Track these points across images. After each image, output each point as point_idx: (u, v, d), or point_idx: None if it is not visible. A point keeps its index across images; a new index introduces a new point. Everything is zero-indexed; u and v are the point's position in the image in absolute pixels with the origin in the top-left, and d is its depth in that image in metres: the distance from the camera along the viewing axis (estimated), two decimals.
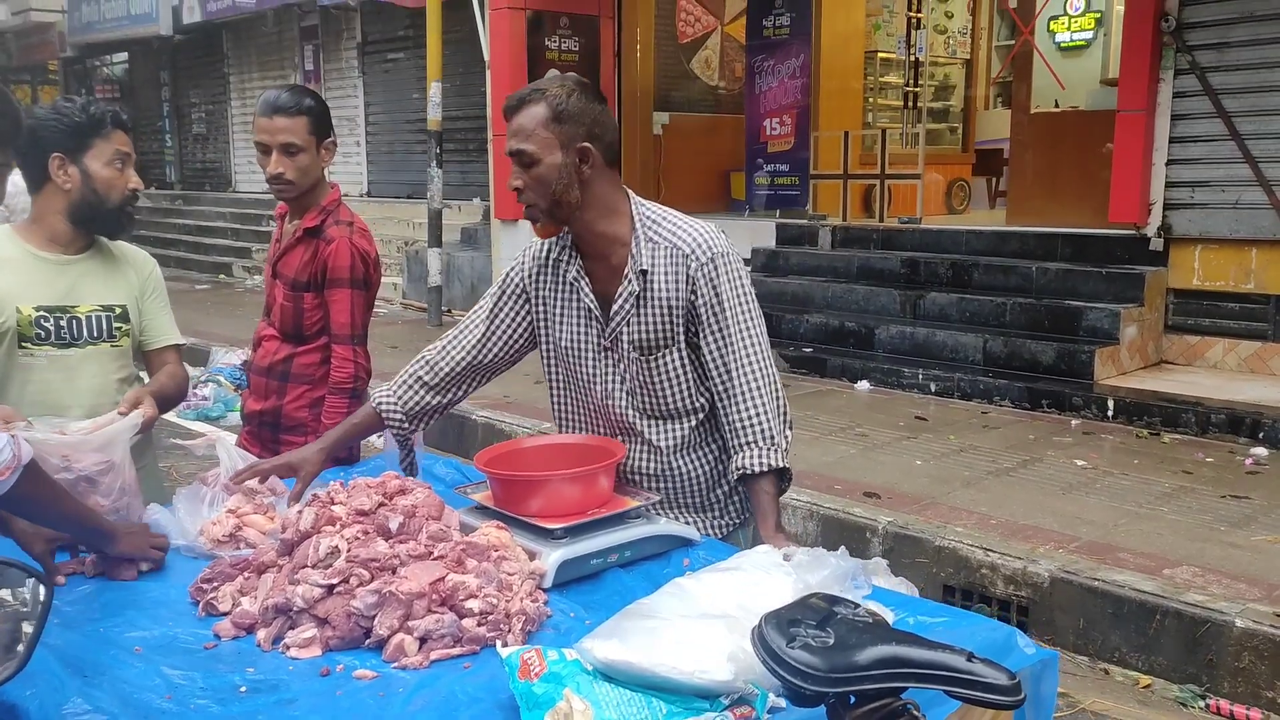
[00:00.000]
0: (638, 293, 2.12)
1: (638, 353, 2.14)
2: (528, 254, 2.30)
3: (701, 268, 2.09)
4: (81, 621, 1.72)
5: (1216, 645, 3.40)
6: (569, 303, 2.22)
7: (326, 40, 14.48)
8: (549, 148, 2.02)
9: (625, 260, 2.12)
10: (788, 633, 1.19)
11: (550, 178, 2.03)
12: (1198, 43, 6.37)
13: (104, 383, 2.53)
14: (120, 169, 2.42)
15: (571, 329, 2.22)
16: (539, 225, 2.10)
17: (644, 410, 2.20)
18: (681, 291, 2.10)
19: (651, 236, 2.12)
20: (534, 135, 2.02)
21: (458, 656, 1.62)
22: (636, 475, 2.25)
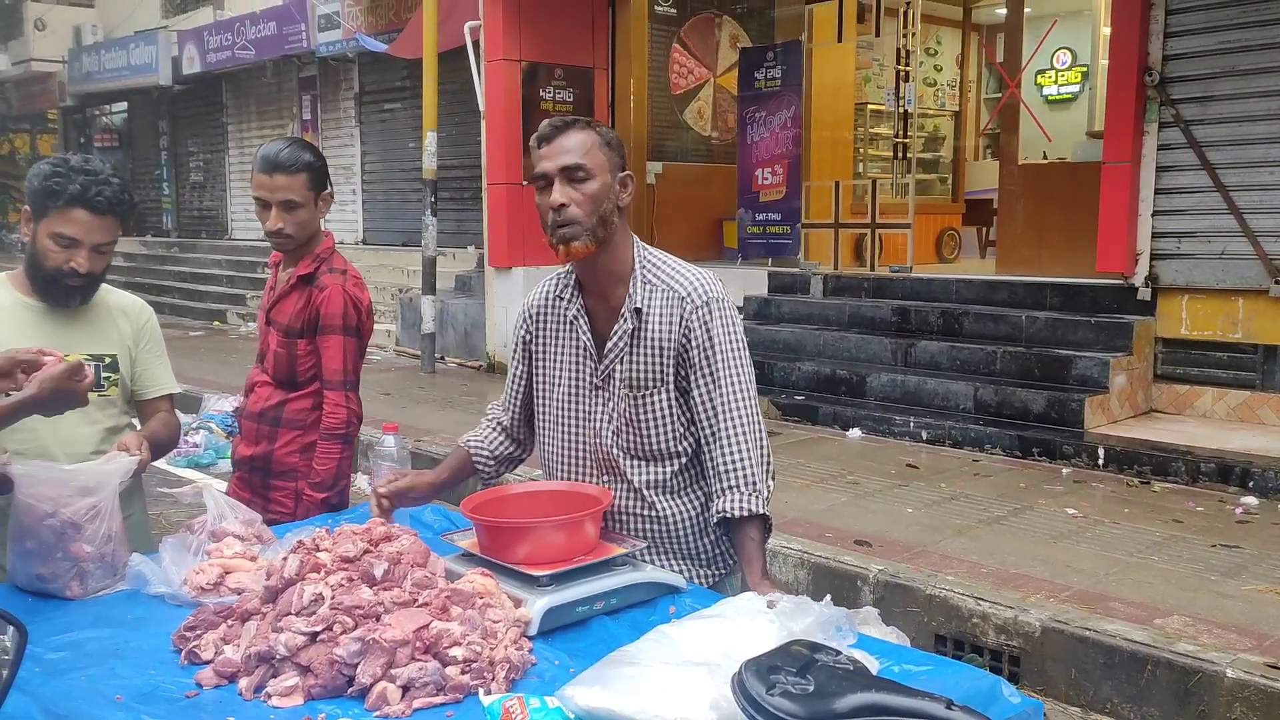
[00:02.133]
0: (632, 330, 2.16)
1: (628, 390, 2.18)
2: (532, 298, 2.37)
3: (696, 311, 2.14)
4: (64, 670, 1.71)
5: (1208, 696, 3.38)
6: (566, 341, 2.27)
7: (324, 90, 14.66)
8: (601, 168, 2.10)
9: (623, 300, 2.18)
10: (768, 679, 1.19)
11: (601, 196, 2.09)
12: (1181, 96, 6.48)
13: (90, 432, 2.53)
14: (60, 247, 2.37)
15: (566, 366, 2.27)
16: (578, 244, 2.10)
17: (629, 450, 2.22)
18: (674, 333, 2.14)
19: (649, 278, 2.18)
20: (589, 154, 2.09)
21: (440, 705, 1.61)
22: (622, 516, 2.26)
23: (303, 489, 2.81)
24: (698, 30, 11.80)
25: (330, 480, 2.79)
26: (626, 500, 2.25)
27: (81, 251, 2.38)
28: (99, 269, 2.45)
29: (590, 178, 2.09)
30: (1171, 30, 6.49)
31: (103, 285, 2.59)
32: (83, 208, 2.35)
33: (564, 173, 2.08)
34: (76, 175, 2.34)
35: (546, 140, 2.11)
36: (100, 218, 2.38)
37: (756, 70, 9.55)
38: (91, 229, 2.37)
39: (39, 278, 2.43)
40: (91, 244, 2.39)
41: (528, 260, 9.49)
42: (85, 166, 2.38)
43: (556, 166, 2.08)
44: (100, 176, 2.37)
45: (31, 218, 2.40)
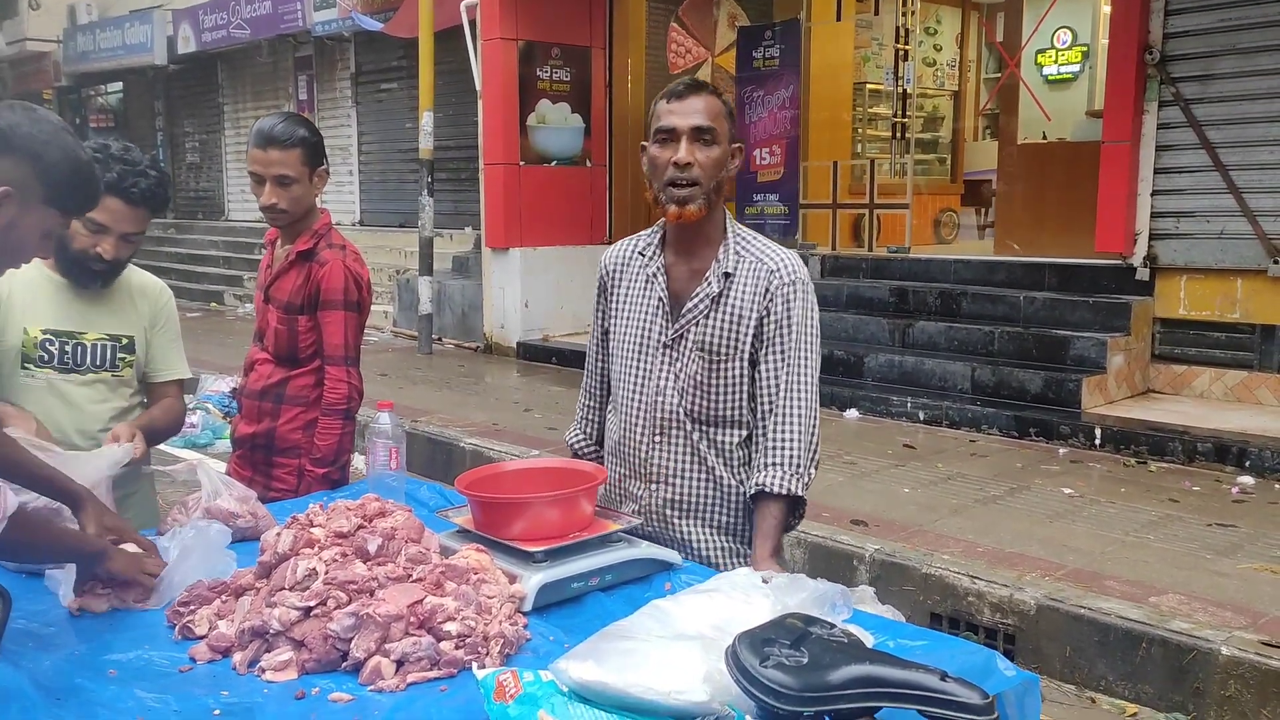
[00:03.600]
0: (715, 295, 2.17)
1: (701, 355, 2.18)
2: (611, 253, 2.38)
3: (783, 287, 2.16)
4: (57, 644, 1.71)
5: (1203, 673, 3.39)
6: (642, 295, 2.27)
7: (320, 70, 14.58)
8: (723, 134, 2.12)
9: (708, 264, 2.19)
10: (761, 652, 1.19)
11: (722, 162, 2.13)
12: (1181, 75, 6.45)
13: (102, 411, 2.53)
14: (89, 232, 2.37)
15: (638, 321, 2.26)
16: (693, 206, 2.12)
17: (694, 413, 2.21)
18: (758, 304, 2.16)
19: (740, 248, 2.20)
20: (717, 119, 2.11)
21: (435, 679, 1.61)
22: (676, 480, 2.24)
23: (304, 465, 2.80)
24: (696, 9, 11.72)
25: (331, 455, 2.78)
26: (683, 464, 2.23)
27: (109, 238, 2.39)
28: (125, 256, 2.46)
29: (716, 143, 2.11)
30: (1172, 8, 6.45)
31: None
32: (117, 196, 2.35)
33: (694, 132, 2.09)
34: (115, 163, 2.34)
35: (678, 97, 2.12)
36: (133, 208, 2.39)
37: (755, 49, 9.50)
38: (122, 218, 2.38)
39: (64, 257, 2.43)
40: (120, 232, 2.39)
41: (525, 241, 9.47)
42: (125, 156, 2.38)
43: (688, 125, 2.09)
44: (138, 167, 2.38)
45: None
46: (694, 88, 2.14)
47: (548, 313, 9.61)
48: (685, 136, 2.10)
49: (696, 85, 2.16)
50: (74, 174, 1.46)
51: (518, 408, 7.27)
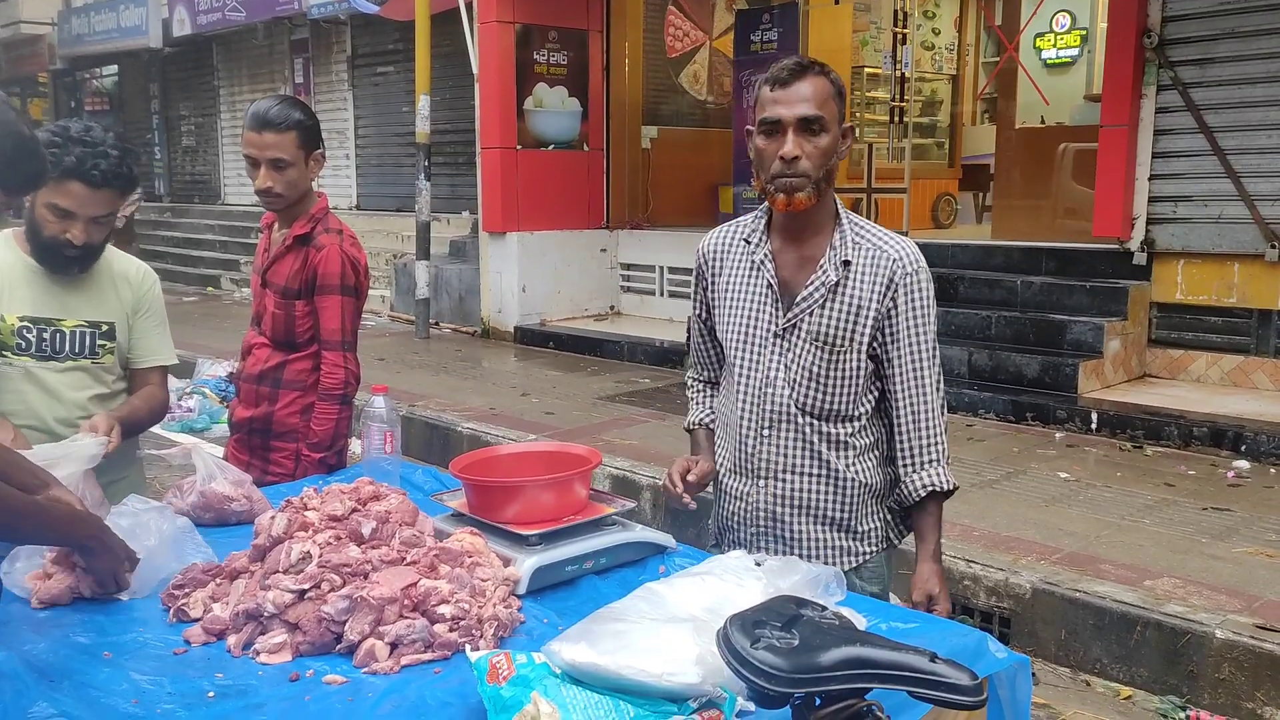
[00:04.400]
0: (833, 283, 2.06)
1: (815, 345, 2.08)
2: (710, 240, 2.26)
3: (907, 277, 2.06)
4: (51, 627, 1.71)
5: (1197, 656, 3.41)
6: (748, 283, 2.16)
7: (317, 53, 14.50)
8: (833, 119, 2.01)
9: (820, 251, 2.08)
10: (752, 634, 1.19)
11: (831, 149, 2.01)
12: (1180, 59, 6.43)
13: (81, 398, 2.51)
14: (55, 218, 2.33)
15: (745, 310, 2.15)
16: (802, 195, 2.00)
17: (805, 405, 2.10)
18: (878, 294, 2.06)
19: (857, 235, 2.09)
20: (826, 104, 1.99)
21: (429, 662, 1.62)
22: (787, 476, 2.13)
23: (301, 450, 2.80)
24: None
25: (328, 440, 2.78)
26: (795, 458, 2.12)
27: (77, 224, 2.34)
28: (97, 240, 2.41)
29: (825, 130, 1.99)
30: None
31: (108, 250, 2.56)
32: (79, 180, 2.29)
33: (801, 123, 1.97)
34: (74, 146, 2.28)
35: (782, 84, 1.99)
36: (96, 191, 2.32)
37: (752, 33, 9.46)
38: (87, 202, 2.32)
39: (37, 244, 2.41)
40: (87, 216, 2.34)
41: (522, 225, 9.45)
42: (84, 137, 2.31)
43: (794, 116, 1.97)
44: (98, 148, 2.30)
45: None
46: (799, 71, 2.00)
47: (545, 297, 9.61)
48: (792, 128, 1.97)
49: (801, 68, 2.01)
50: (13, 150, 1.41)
51: (515, 392, 7.27)
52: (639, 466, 5.23)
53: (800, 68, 2.01)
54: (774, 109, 1.99)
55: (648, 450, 5.59)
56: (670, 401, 6.90)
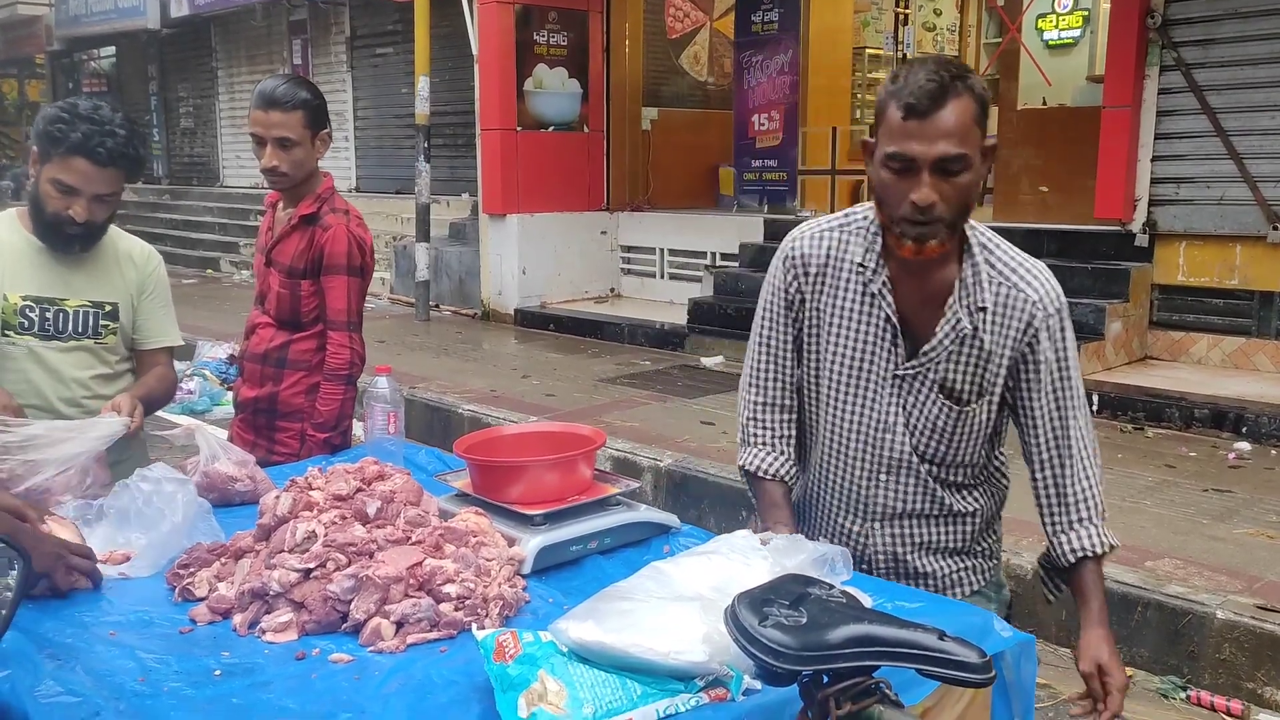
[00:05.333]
0: (966, 333, 1.81)
1: (943, 396, 1.85)
2: (805, 248, 1.93)
3: (1049, 319, 1.81)
4: (57, 606, 1.71)
5: (1198, 637, 3.42)
6: (860, 314, 1.87)
7: (315, 34, 14.44)
8: (976, 149, 1.69)
9: (947, 286, 1.80)
10: (760, 611, 1.19)
11: (973, 187, 1.71)
12: (1183, 39, 6.40)
13: (84, 378, 2.52)
14: (59, 194, 2.33)
15: (857, 344, 1.89)
16: (934, 244, 1.71)
17: (925, 454, 1.91)
18: (1015, 341, 1.81)
19: (991, 270, 1.81)
20: (970, 135, 1.67)
21: (434, 640, 1.62)
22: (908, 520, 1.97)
23: (306, 429, 2.80)
24: None
25: (333, 420, 2.79)
26: (915, 503, 1.95)
27: (80, 200, 2.34)
28: (100, 218, 2.41)
29: (967, 169, 1.67)
30: None
31: (113, 230, 2.56)
32: (84, 157, 2.29)
33: (939, 164, 1.65)
34: (81, 123, 2.28)
35: (919, 114, 1.65)
36: (101, 169, 2.32)
37: (753, 14, 9.41)
38: (91, 179, 2.32)
39: (39, 221, 2.41)
40: (91, 194, 2.34)
41: (523, 207, 9.43)
42: (92, 115, 2.31)
43: (932, 156, 1.65)
44: (106, 127, 2.30)
45: (37, 159, 2.36)
46: (939, 95, 1.64)
47: (546, 279, 9.59)
48: (927, 169, 1.66)
49: (942, 89, 1.64)
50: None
51: (515, 374, 7.27)
52: (640, 448, 5.24)
53: (940, 89, 1.64)
54: (907, 144, 1.66)
55: (649, 432, 5.59)
56: (671, 384, 6.90)
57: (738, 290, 8.25)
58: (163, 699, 1.41)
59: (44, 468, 2.07)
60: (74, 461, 2.14)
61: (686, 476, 4.93)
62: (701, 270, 8.93)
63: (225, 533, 1.95)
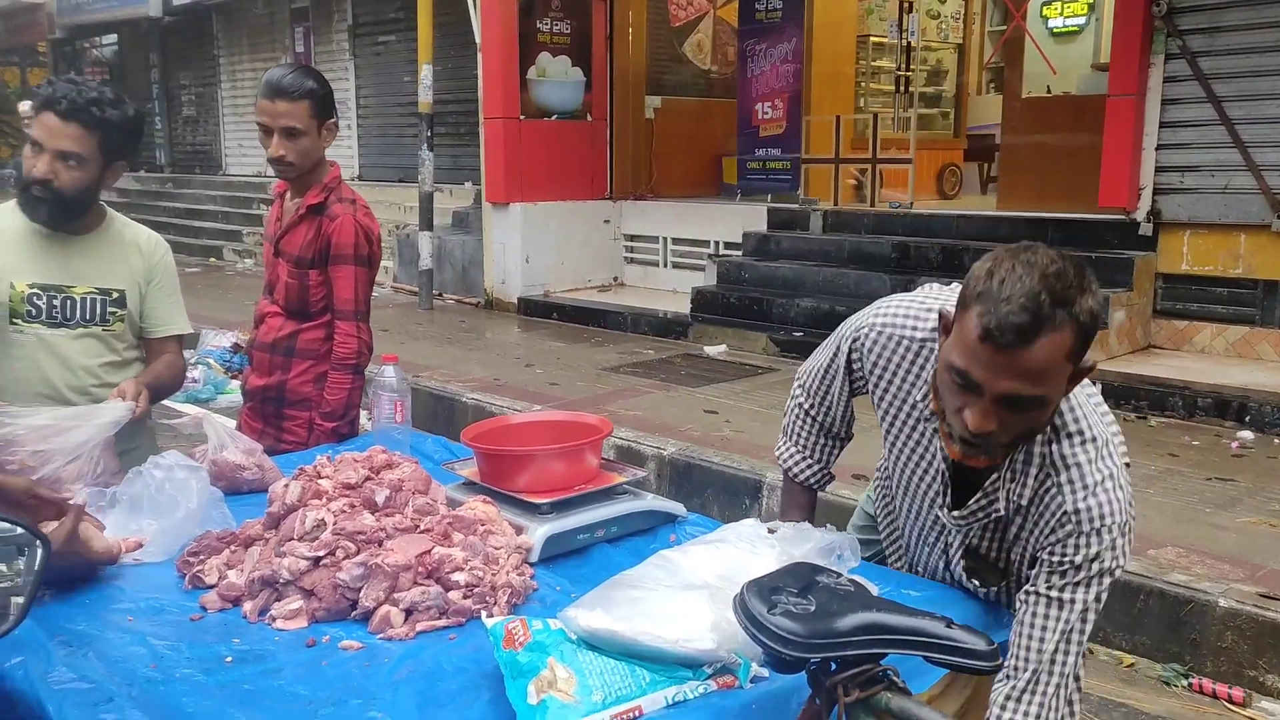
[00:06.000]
0: (1000, 517, 1.67)
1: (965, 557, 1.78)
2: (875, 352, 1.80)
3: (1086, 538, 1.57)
4: (69, 593, 1.72)
5: (1200, 625, 3.43)
6: (916, 436, 1.77)
7: (317, 23, 14.40)
8: (1058, 384, 1.48)
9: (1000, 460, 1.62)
10: (769, 599, 1.20)
11: (1044, 417, 1.53)
12: (1188, 27, 6.37)
13: (93, 365, 2.52)
14: (32, 154, 2.36)
15: (913, 463, 1.79)
16: (983, 458, 1.56)
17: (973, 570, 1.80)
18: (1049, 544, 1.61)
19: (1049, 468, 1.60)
20: (1049, 374, 1.44)
21: (443, 628, 1.63)
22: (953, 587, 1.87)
23: (314, 418, 2.81)
24: None
25: (340, 410, 2.80)
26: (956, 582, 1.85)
27: (45, 156, 2.34)
28: (66, 183, 2.37)
29: (1040, 407, 1.48)
30: None
31: (120, 218, 2.57)
32: (49, 110, 2.33)
33: (1007, 398, 1.46)
34: (58, 84, 2.34)
35: (1000, 346, 1.41)
36: (64, 123, 2.33)
37: (757, 1, 9.36)
38: (54, 134, 2.33)
39: (20, 189, 2.42)
40: (54, 149, 2.34)
41: (526, 196, 9.42)
42: (72, 79, 2.38)
43: (999, 391, 1.45)
44: (80, 86, 2.35)
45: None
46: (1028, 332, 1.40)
47: (549, 268, 9.59)
48: (990, 399, 1.46)
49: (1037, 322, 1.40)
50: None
51: (519, 363, 7.27)
52: (644, 437, 5.24)
53: (1034, 325, 1.40)
54: (977, 369, 1.45)
55: (653, 421, 5.60)
56: (674, 373, 6.90)
57: (741, 279, 8.25)
58: (175, 685, 1.42)
59: (54, 457, 2.08)
60: (82, 449, 2.15)
61: (690, 465, 4.94)
62: (705, 259, 8.92)
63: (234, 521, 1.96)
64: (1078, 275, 1.45)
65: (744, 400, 6.10)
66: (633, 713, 1.33)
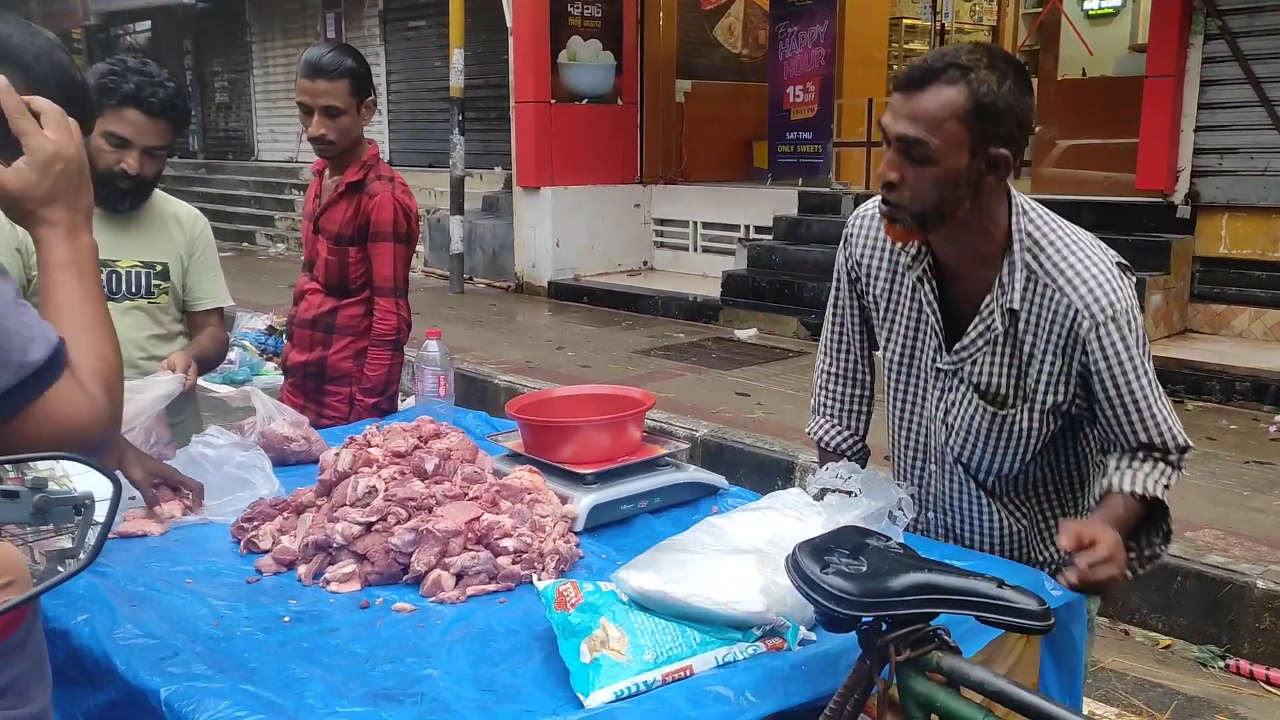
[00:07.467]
0: (998, 335, 1.71)
1: (981, 399, 1.76)
2: (858, 234, 1.90)
3: (1097, 329, 1.64)
4: (126, 559, 1.77)
5: (1237, 606, 3.42)
6: (904, 303, 1.83)
7: (349, 8, 14.46)
8: (955, 148, 1.57)
9: (987, 282, 1.70)
10: (821, 560, 1.22)
11: (944, 184, 1.59)
12: (1228, 7, 6.28)
13: (140, 339, 2.56)
14: (111, 147, 2.36)
15: (903, 334, 1.85)
16: (897, 228, 1.66)
17: (961, 460, 1.85)
18: (1055, 348, 1.68)
19: (1033, 266, 1.68)
20: (941, 127, 1.56)
21: (493, 592, 1.66)
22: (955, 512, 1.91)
23: (354, 394, 2.85)
24: None
25: (380, 386, 2.83)
26: (961, 501, 1.90)
27: (132, 153, 2.37)
28: (150, 173, 2.44)
29: (930, 161, 1.57)
30: None
31: (159, 193, 2.60)
32: (136, 108, 2.33)
33: (900, 144, 1.59)
34: (132, 75, 2.32)
35: (900, 89, 1.61)
36: (153, 120, 2.36)
37: None
38: (143, 130, 2.36)
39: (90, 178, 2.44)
40: (143, 145, 2.37)
41: (556, 180, 9.44)
42: (142, 68, 2.36)
43: (893, 132, 1.59)
44: (156, 78, 2.35)
45: None
46: (927, 75, 1.57)
47: (579, 252, 9.61)
48: (892, 145, 1.61)
49: (931, 72, 1.56)
50: (65, 89, 1.44)
51: (550, 346, 7.31)
52: (676, 418, 5.26)
53: (929, 73, 1.57)
54: (887, 117, 1.61)
55: (684, 403, 5.62)
56: (705, 356, 6.91)
57: (771, 263, 8.23)
58: (236, 641, 1.46)
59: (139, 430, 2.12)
60: (135, 422, 2.19)
61: (723, 446, 4.95)
62: (735, 243, 8.91)
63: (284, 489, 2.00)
64: (1001, 62, 1.59)
65: (775, 383, 6.10)
66: (683, 672, 1.35)
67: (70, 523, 1.50)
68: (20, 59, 1.36)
